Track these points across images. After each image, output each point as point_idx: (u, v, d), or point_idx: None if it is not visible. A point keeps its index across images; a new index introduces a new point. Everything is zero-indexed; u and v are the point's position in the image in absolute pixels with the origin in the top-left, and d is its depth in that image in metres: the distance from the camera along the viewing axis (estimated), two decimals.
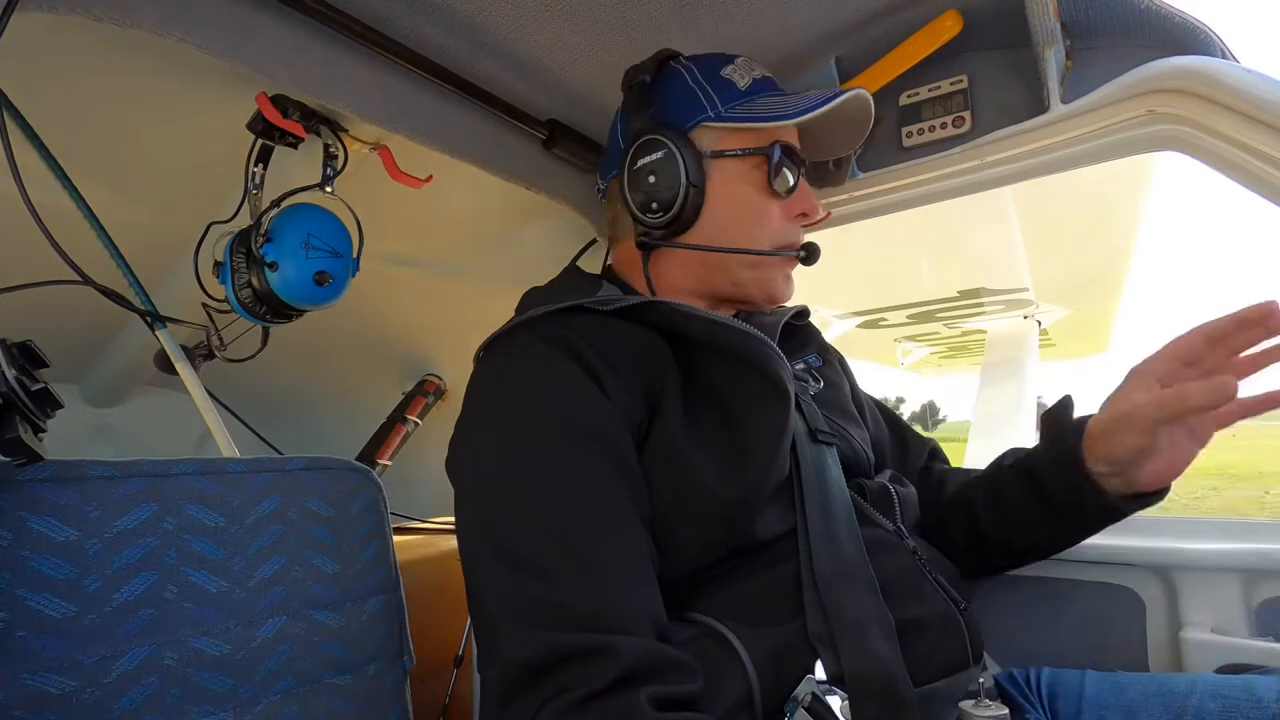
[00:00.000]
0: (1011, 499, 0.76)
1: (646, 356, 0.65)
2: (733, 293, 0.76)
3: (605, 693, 0.47)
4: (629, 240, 0.78)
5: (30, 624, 0.53)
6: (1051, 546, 0.79)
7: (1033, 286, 4.16)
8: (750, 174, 0.73)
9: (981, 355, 5.09)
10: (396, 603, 0.78)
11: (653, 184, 0.70)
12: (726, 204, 0.72)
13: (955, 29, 0.86)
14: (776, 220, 0.74)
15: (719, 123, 0.71)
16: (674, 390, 0.64)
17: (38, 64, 0.73)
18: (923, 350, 6.89)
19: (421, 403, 1.60)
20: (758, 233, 0.73)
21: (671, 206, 0.70)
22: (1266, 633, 0.81)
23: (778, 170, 0.72)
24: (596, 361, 0.62)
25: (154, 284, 1.09)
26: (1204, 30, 0.77)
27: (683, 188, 0.69)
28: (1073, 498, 0.69)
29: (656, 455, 0.61)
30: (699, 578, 0.62)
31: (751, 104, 0.72)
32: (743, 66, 0.75)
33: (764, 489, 0.63)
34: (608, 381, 0.61)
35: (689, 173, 0.69)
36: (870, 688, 0.55)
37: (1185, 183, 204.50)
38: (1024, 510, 0.75)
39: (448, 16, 0.79)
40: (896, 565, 0.65)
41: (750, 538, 0.62)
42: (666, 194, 0.70)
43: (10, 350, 0.49)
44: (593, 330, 0.65)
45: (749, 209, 0.73)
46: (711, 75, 0.73)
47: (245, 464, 0.70)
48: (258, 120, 0.81)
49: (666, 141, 0.70)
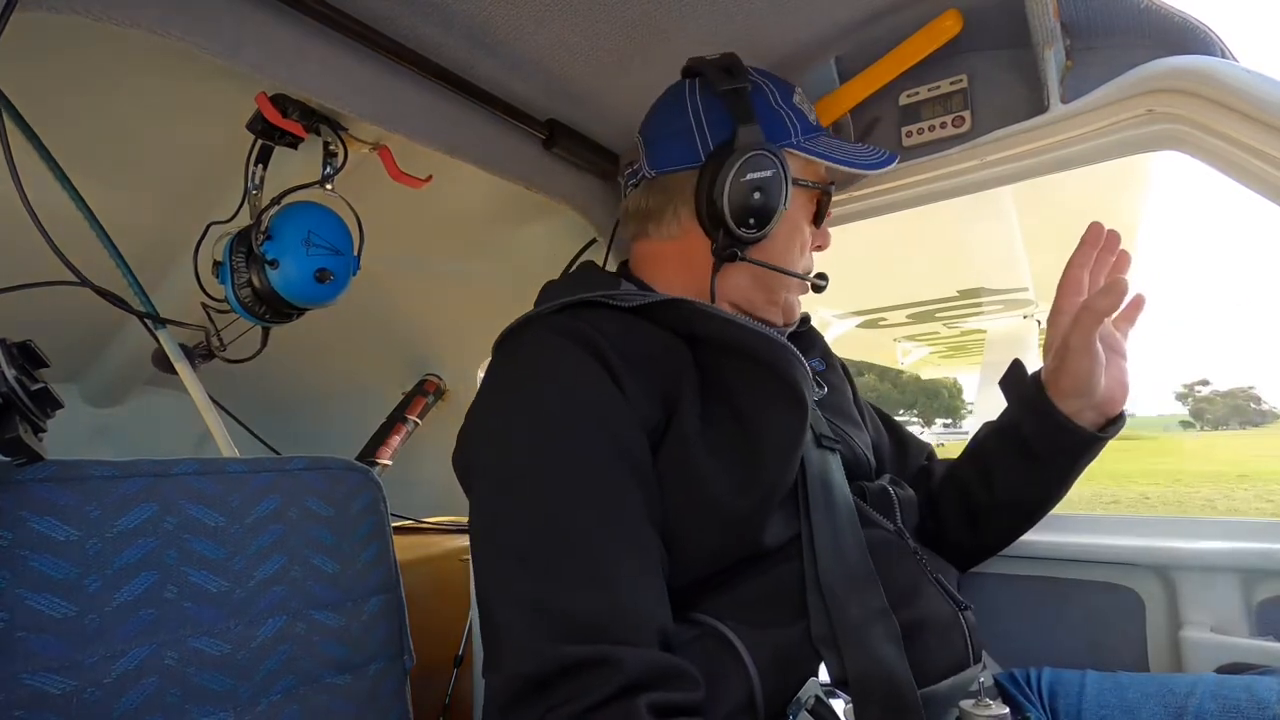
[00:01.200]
0: (997, 463, 0.80)
1: (665, 358, 0.64)
2: (763, 310, 0.77)
3: (605, 703, 0.47)
4: (678, 238, 0.76)
5: (30, 624, 0.53)
6: (1042, 502, 0.81)
7: (1033, 286, 4.16)
8: (808, 205, 0.77)
9: (981, 355, 5.09)
10: (396, 602, 0.78)
11: (757, 200, 0.70)
12: (787, 228, 0.75)
13: (955, 29, 0.86)
14: (808, 249, 0.80)
15: (798, 151, 0.74)
16: (691, 394, 0.63)
17: (38, 64, 0.73)
18: (922, 350, 6.89)
19: (421, 403, 1.60)
20: (800, 259, 0.78)
21: (766, 224, 0.71)
22: (1266, 633, 0.81)
23: (826, 207, 0.78)
24: (615, 359, 0.61)
25: (154, 284, 1.09)
26: (1204, 30, 0.77)
27: (780, 209, 0.71)
28: (1053, 440, 0.75)
29: (670, 460, 0.61)
30: (706, 579, 0.62)
31: (820, 139, 0.76)
32: (805, 99, 0.79)
33: (775, 498, 0.62)
34: (626, 380, 0.60)
35: (788, 194, 0.71)
36: (874, 691, 0.55)
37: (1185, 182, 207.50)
38: (1010, 469, 0.79)
39: (447, 16, 0.79)
40: (898, 566, 0.65)
41: (759, 546, 0.62)
42: (765, 212, 0.71)
43: (10, 350, 0.49)
44: (613, 327, 0.64)
45: (799, 236, 0.77)
46: (788, 100, 0.76)
47: (245, 464, 0.70)
48: (258, 120, 0.81)
49: (777, 162, 0.70)
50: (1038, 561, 0.94)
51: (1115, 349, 0.74)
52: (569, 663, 0.49)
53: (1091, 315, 0.68)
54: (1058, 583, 0.94)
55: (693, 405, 0.63)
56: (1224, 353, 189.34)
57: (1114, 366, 0.74)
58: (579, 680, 0.48)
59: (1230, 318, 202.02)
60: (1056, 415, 0.73)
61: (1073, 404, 0.73)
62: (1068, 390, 0.73)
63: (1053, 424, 0.74)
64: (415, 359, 1.64)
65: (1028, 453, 0.77)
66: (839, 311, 4.92)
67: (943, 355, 7.40)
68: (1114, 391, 0.74)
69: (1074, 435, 0.73)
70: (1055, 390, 0.74)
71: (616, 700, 0.47)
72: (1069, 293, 0.75)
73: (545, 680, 0.49)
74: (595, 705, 0.47)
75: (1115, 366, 0.74)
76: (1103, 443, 0.75)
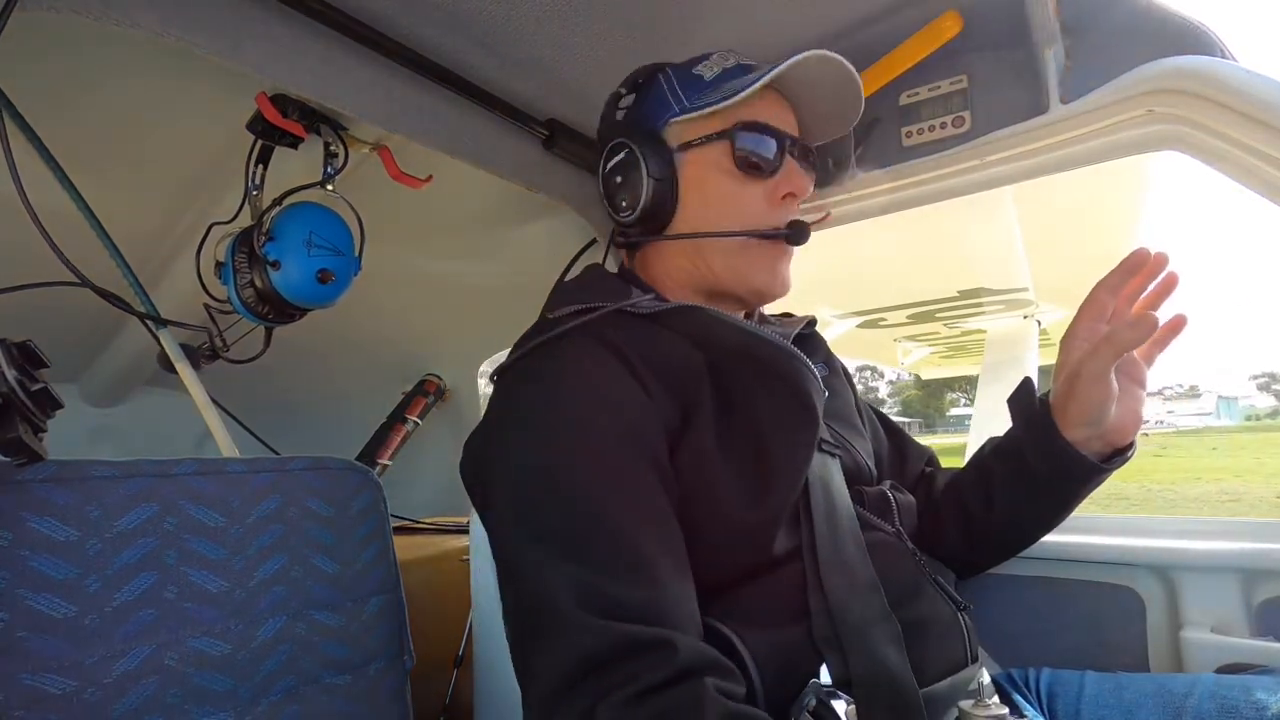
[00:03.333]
0: (998, 483, 0.77)
1: (684, 368, 0.64)
2: (720, 283, 0.73)
3: (665, 685, 0.47)
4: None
5: (30, 624, 0.53)
6: (1040, 525, 0.80)
7: (1033, 286, 4.16)
8: (719, 160, 0.71)
9: (981, 355, 5.09)
10: (396, 603, 0.78)
11: (619, 184, 0.73)
12: (697, 193, 0.72)
13: (955, 29, 0.86)
14: (757, 203, 0.71)
15: (683, 115, 0.71)
16: (707, 405, 0.63)
17: (38, 64, 0.73)
18: (923, 350, 6.89)
19: (421, 403, 1.60)
20: (735, 214, 0.71)
21: (639, 203, 0.71)
22: (1266, 633, 0.81)
23: (744, 150, 0.70)
24: (641, 365, 0.62)
25: (154, 284, 1.09)
26: (1204, 30, 0.77)
27: (644, 182, 0.70)
28: (1055, 466, 0.71)
29: (684, 469, 0.61)
30: (711, 582, 0.62)
31: (715, 90, 0.71)
32: (716, 60, 0.74)
33: (784, 510, 0.63)
34: (651, 386, 0.61)
35: (649, 168, 0.70)
36: (877, 692, 0.55)
37: (1185, 182, 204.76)
38: (1009, 489, 0.76)
39: (448, 16, 0.79)
40: (897, 567, 0.65)
41: (767, 556, 0.62)
42: (632, 191, 0.71)
43: (10, 350, 0.49)
44: (633, 335, 0.65)
45: (720, 194, 0.71)
46: (684, 75, 0.74)
47: (245, 464, 0.70)
48: (258, 120, 0.81)
49: (628, 142, 0.71)
50: (1038, 561, 0.94)
51: (1134, 378, 0.69)
52: (629, 641, 0.48)
53: (1111, 349, 0.63)
54: (1058, 582, 0.94)
55: (707, 415, 0.63)
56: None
57: (1129, 396, 0.68)
58: (641, 660, 0.48)
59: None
60: (1060, 442, 0.69)
61: (1080, 432, 0.69)
62: (1075, 418, 0.68)
63: (1056, 450, 0.70)
64: (415, 359, 1.64)
65: (1029, 476, 0.74)
66: (839, 311, 4.91)
67: (943, 355, 7.40)
68: (1125, 422, 0.69)
69: (1077, 464, 0.70)
70: (1062, 416, 0.70)
71: (676, 681, 0.47)
72: (1090, 317, 0.69)
73: (604, 660, 0.48)
74: (659, 685, 0.47)
75: (1130, 396, 0.69)
76: (1107, 474, 0.71)
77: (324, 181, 0.88)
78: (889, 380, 52.21)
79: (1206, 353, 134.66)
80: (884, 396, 56.07)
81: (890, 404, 55.04)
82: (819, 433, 0.65)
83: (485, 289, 1.39)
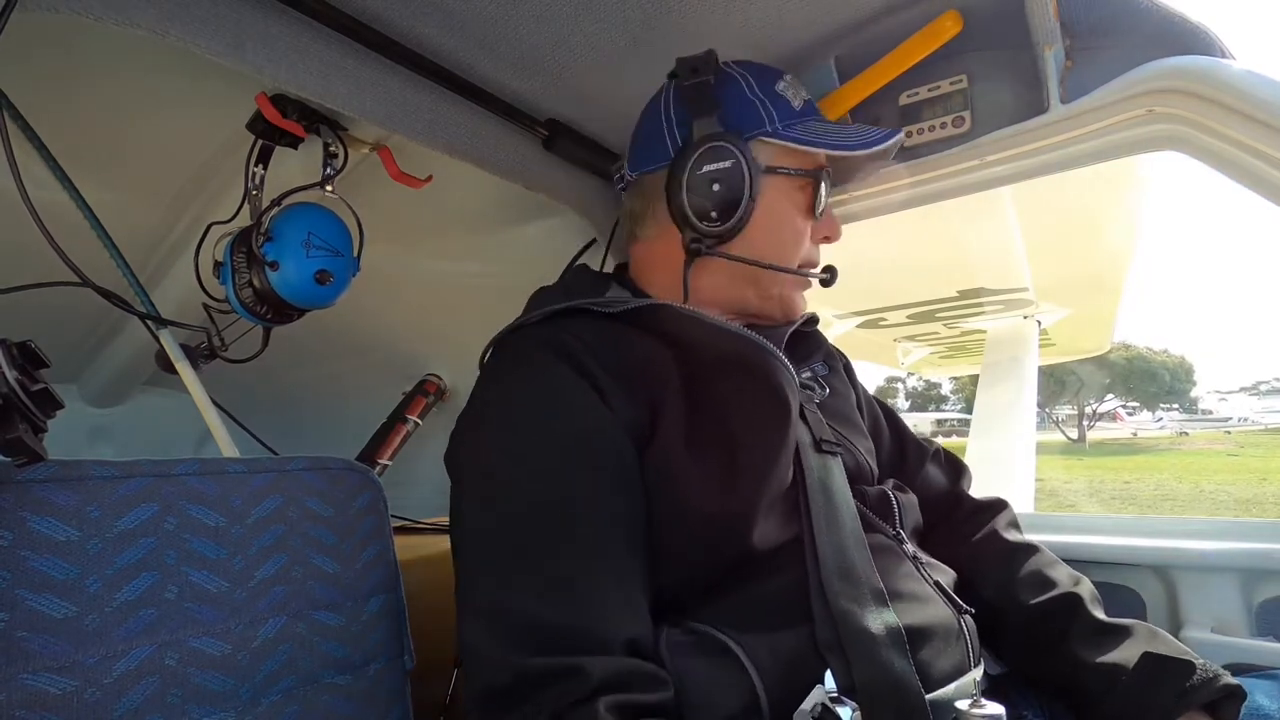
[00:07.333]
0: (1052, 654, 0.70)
1: (649, 365, 0.64)
2: (757, 307, 0.76)
3: (569, 709, 0.48)
4: (657, 239, 0.77)
5: (30, 624, 0.53)
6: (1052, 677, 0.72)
7: (1033, 286, 4.16)
8: (795, 194, 0.74)
9: (981, 355, 5.09)
10: (397, 602, 0.78)
11: (716, 192, 0.70)
12: (771, 220, 0.72)
13: (955, 29, 0.86)
14: (807, 241, 0.76)
15: (775, 139, 0.72)
16: (675, 401, 0.63)
17: (38, 64, 0.73)
18: (922, 350, 6.89)
19: (421, 403, 1.60)
20: (792, 251, 0.75)
21: (730, 216, 0.70)
22: (1266, 633, 0.81)
23: (821, 194, 0.74)
24: (597, 369, 0.61)
25: (154, 284, 1.09)
26: (1204, 30, 0.77)
27: (745, 200, 0.70)
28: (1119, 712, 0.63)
29: (654, 466, 0.61)
30: (701, 584, 0.62)
31: (805, 125, 0.73)
32: (793, 85, 0.76)
33: (760, 503, 0.62)
34: (608, 389, 0.61)
35: (752, 186, 0.70)
36: (882, 698, 0.55)
37: (1185, 182, 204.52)
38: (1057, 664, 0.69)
39: (447, 16, 0.79)
40: (898, 571, 0.65)
41: (748, 549, 0.62)
42: (728, 204, 0.70)
43: (10, 350, 0.49)
44: (596, 335, 0.64)
45: (789, 228, 0.74)
46: (767, 89, 0.73)
47: (245, 464, 0.70)
48: (258, 120, 0.82)
49: (736, 151, 0.69)
50: None
51: None
52: (534, 675, 0.50)
53: None
54: None
55: (676, 412, 0.63)
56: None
57: None
58: (543, 691, 0.49)
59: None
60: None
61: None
62: None
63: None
64: (415, 359, 1.64)
65: (1083, 691, 0.66)
66: (839, 311, 4.91)
67: (943, 355, 7.39)
68: None
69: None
70: None
71: (577, 706, 0.48)
72: None
73: (511, 692, 0.50)
74: (560, 712, 0.48)
75: None
76: None
77: (323, 182, 0.88)
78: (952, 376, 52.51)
79: None
80: (947, 393, 56.74)
81: (954, 400, 55.35)
82: (792, 420, 0.65)
83: (485, 289, 1.39)
